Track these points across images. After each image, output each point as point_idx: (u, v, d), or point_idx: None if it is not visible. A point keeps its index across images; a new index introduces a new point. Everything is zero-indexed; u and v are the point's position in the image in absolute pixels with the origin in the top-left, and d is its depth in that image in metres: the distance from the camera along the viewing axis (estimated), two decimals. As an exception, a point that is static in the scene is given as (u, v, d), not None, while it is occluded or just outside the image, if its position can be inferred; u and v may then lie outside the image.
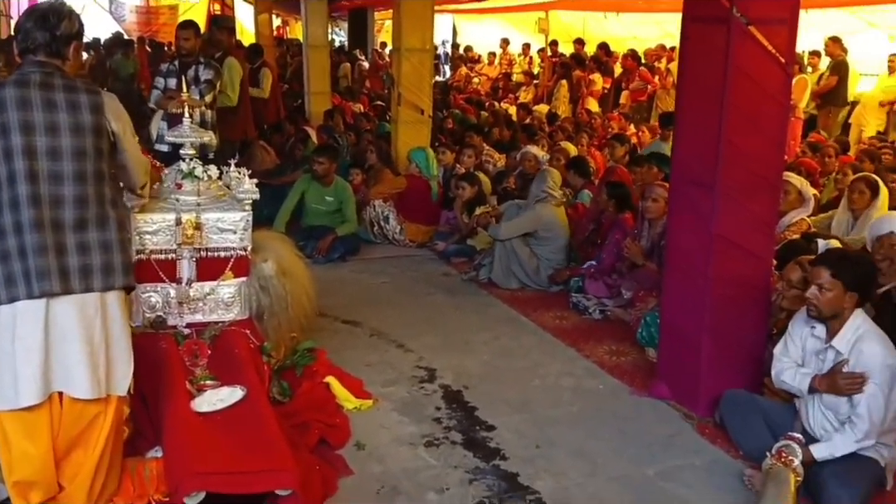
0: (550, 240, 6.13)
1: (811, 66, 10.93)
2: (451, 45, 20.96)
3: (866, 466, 3.31)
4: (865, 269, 3.34)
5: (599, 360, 4.77)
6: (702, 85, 3.86)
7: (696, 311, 3.96)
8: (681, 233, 4.06)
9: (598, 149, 9.16)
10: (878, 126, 9.89)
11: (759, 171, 3.82)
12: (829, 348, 3.40)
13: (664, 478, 3.50)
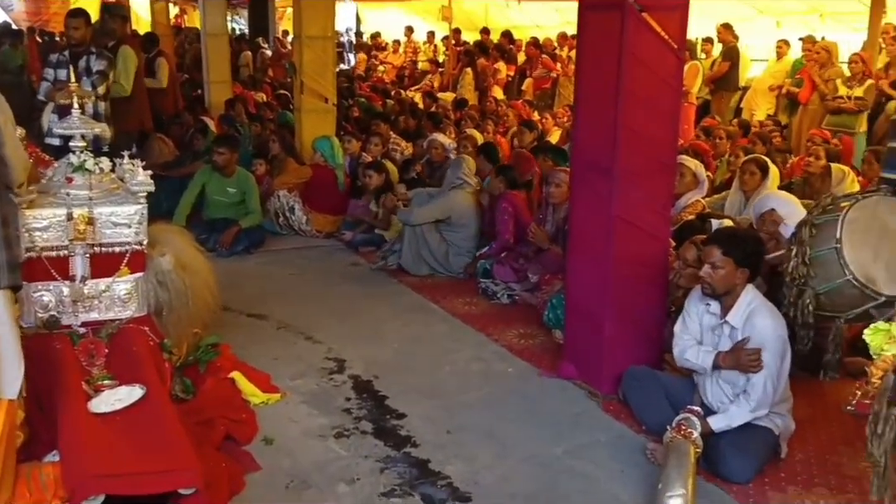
0: (462, 227, 6.16)
1: (704, 53, 11.29)
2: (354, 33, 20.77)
3: (761, 436, 3.46)
4: (754, 247, 3.48)
5: (508, 343, 4.83)
6: (599, 71, 3.93)
7: (598, 291, 4.05)
8: (582, 216, 4.14)
9: (503, 136, 9.26)
10: (768, 109, 10.30)
11: (654, 154, 3.93)
12: (724, 324, 3.53)
13: (571, 456, 3.58)
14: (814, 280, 3.55)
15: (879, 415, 2.46)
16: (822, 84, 8.76)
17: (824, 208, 3.80)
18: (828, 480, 3.39)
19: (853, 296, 3.45)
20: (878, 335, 2.47)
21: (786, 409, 3.57)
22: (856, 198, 3.73)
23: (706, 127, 8.54)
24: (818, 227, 3.62)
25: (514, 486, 3.34)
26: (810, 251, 3.62)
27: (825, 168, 6.07)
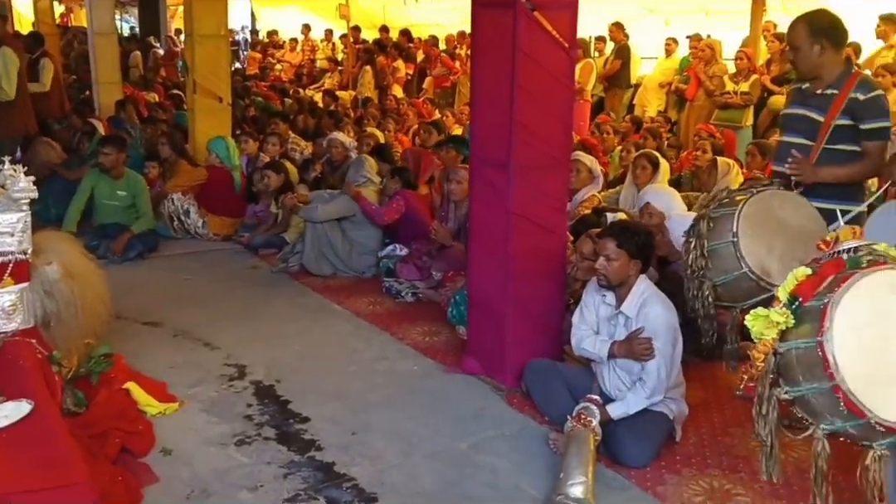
0: (366, 224, 6.14)
1: (597, 51, 11.60)
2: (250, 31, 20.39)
3: (657, 421, 3.58)
4: (645, 239, 3.60)
5: (413, 342, 4.84)
6: (493, 69, 3.98)
7: (498, 286, 4.11)
8: (481, 212, 4.19)
9: (405, 134, 9.27)
10: (659, 106, 10.67)
11: (549, 150, 4.01)
12: (619, 314, 3.63)
13: (476, 450, 3.61)
14: (712, 272, 3.65)
15: (763, 396, 2.58)
16: (707, 80, 9.13)
17: (721, 202, 3.90)
18: (720, 461, 3.54)
19: (749, 288, 3.57)
20: (758, 321, 2.58)
21: (679, 394, 3.70)
22: (751, 192, 3.83)
23: (599, 123, 8.77)
24: (715, 220, 3.72)
25: (420, 483, 3.35)
26: (708, 244, 3.72)
27: (712, 161, 6.32)
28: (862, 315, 2.38)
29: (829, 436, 2.48)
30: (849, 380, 2.30)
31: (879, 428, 2.30)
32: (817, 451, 2.49)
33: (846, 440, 2.52)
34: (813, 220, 3.59)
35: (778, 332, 2.55)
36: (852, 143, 3.70)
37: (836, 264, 2.59)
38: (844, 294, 2.39)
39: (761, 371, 2.57)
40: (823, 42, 3.73)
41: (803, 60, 3.78)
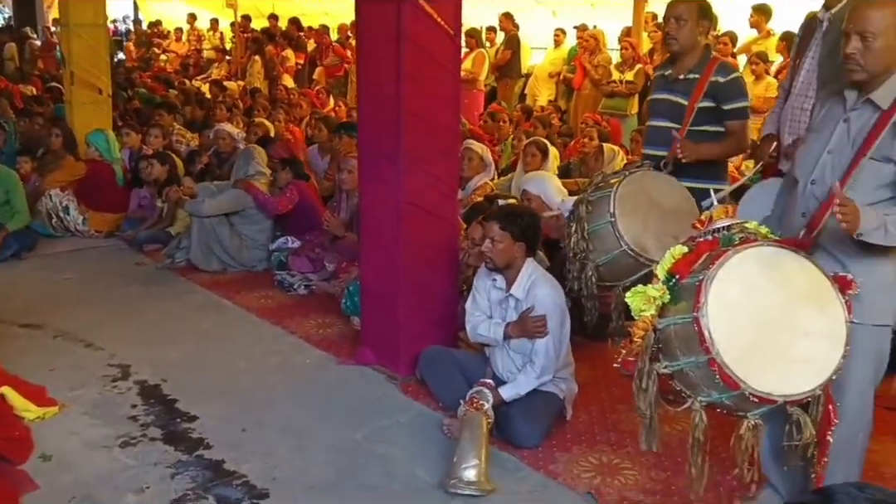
0: (256, 218, 6.01)
1: (489, 41, 11.70)
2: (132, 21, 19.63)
3: (548, 401, 3.64)
4: (529, 221, 3.65)
5: (306, 334, 4.77)
6: (379, 57, 3.95)
7: (391, 275, 4.10)
8: (372, 201, 4.16)
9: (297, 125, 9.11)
10: (549, 95, 10.85)
11: (438, 138, 4.01)
12: (509, 296, 3.68)
13: (371, 439, 3.59)
14: (594, 253, 3.74)
15: (643, 371, 2.65)
16: (593, 70, 9.36)
17: (597, 186, 4.02)
18: (608, 437, 3.64)
19: (629, 265, 3.68)
20: (637, 297, 2.65)
21: (569, 373, 3.78)
22: (624, 174, 3.96)
23: (492, 112, 8.85)
24: (593, 203, 3.82)
25: (313, 476, 3.31)
26: (588, 226, 3.81)
27: (598, 148, 6.48)
28: (735, 290, 2.47)
29: (706, 407, 2.57)
30: (723, 353, 2.38)
31: (753, 398, 2.39)
32: (695, 422, 2.57)
33: (722, 411, 2.63)
34: (683, 198, 3.73)
35: (656, 308, 2.62)
36: (716, 123, 3.88)
37: (711, 242, 2.68)
38: (718, 271, 2.48)
39: (641, 346, 2.64)
40: (706, 25, 3.89)
41: (686, 35, 3.91)
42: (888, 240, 2.48)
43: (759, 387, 2.36)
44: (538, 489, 3.24)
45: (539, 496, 3.19)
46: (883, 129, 2.54)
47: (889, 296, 2.64)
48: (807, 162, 2.76)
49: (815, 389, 2.42)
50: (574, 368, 3.84)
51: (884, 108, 2.56)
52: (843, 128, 2.66)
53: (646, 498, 3.16)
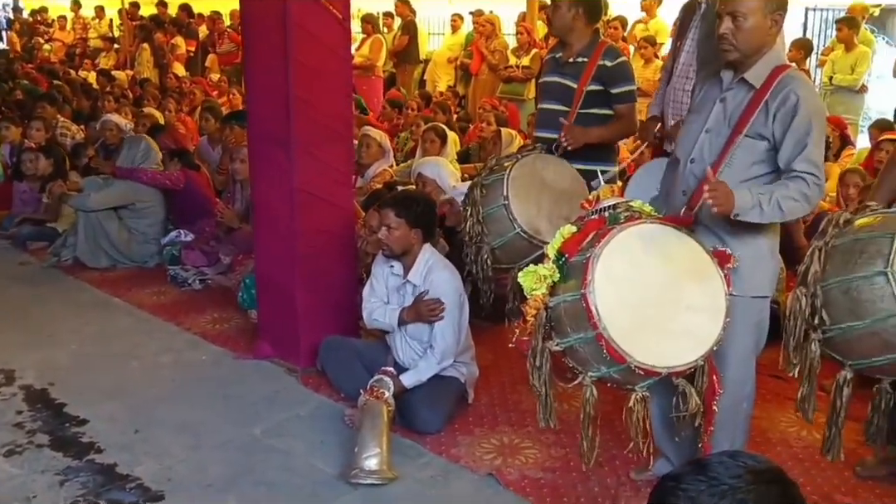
0: (147, 212, 5.82)
1: (386, 27, 11.65)
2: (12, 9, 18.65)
3: (449, 385, 3.66)
4: (425, 207, 3.65)
5: (202, 330, 4.65)
6: (266, 42, 3.87)
7: (287, 265, 4.03)
8: (264, 190, 4.08)
9: (188, 114, 8.85)
10: (448, 81, 10.87)
11: (329, 123, 3.96)
12: (407, 283, 3.68)
13: (270, 434, 3.53)
14: (489, 236, 3.79)
15: (536, 349, 2.70)
16: (490, 55, 9.42)
17: (491, 169, 4.06)
18: (509, 418, 3.68)
19: (523, 247, 3.74)
20: (529, 277, 2.69)
21: (470, 357, 3.81)
22: (516, 157, 4.02)
23: (391, 99, 8.81)
24: (487, 187, 3.86)
25: (209, 474, 3.23)
26: (483, 210, 3.86)
27: (496, 133, 6.53)
28: (620, 267, 2.54)
29: (596, 382, 2.64)
30: (610, 328, 2.45)
31: (638, 371, 2.47)
32: (586, 397, 2.65)
33: (612, 385, 2.70)
34: (573, 179, 3.81)
35: (547, 287, 2.67)
36: (604, 107, 3.96)
37: (598, 221, 2.75)
38: (604, 248, 2.54)
39: (534, 325, 2.69)
40: (580, 9, 3.95)
41: (559, 19, 3.99)
42: (764, 217, 2.58)
43: (643, 359, 2.44)
44: (440, 474, 3.25)
45: (441, 481, 3.21)
46: (756, 107, 2.64)
47: (766, 268, 2.76)
48: (686, 141, 2.85)
49: (697, 360, 2.51)
50: (475, 352, 3.86)
51: (756, 86, 2.66)
52: (720, 107, 2.75)
53: (545, 475, 3.21)
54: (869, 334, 2.53)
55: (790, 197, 2.56)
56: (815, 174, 2.57)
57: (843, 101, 7.95)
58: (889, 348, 2.52)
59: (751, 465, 1.31)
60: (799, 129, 2.56)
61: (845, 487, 3.10)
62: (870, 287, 2.50)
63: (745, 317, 2.70)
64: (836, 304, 2.59)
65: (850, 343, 2.60)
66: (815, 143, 2.58)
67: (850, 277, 2.55)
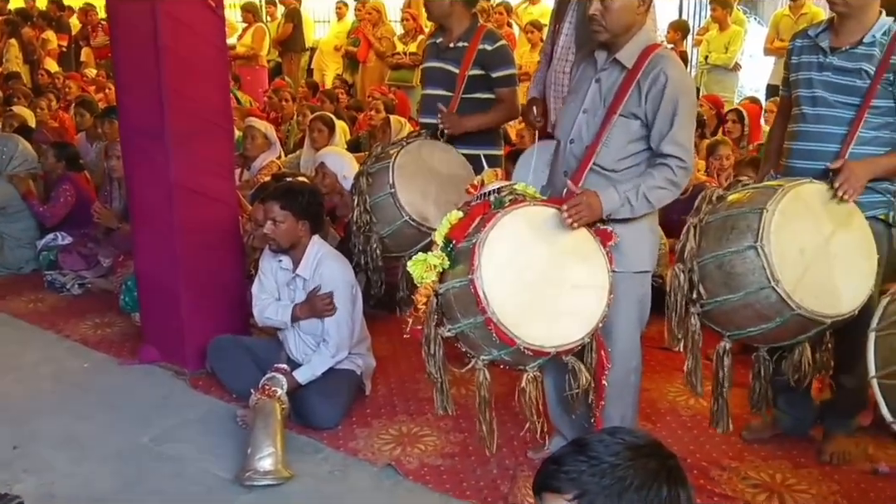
0: (19, 216, 5.54)
1: (269, 16, 11.40)
2: None
3: (345, 379, 3.62)
4: (311, 199, 3.57)
5: (83, 337, 4.46)
6: (135, 32, 3.72)
7: (168, 265, 3.89)
8: (140, 186, 3.92)
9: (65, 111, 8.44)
10: (336, 69, 10.73)
11: (206, 115, 3.83)
12: (297, 277, 3.60)
13: (160, 441, 3.42)
14: (377, 225, 3.76)
15: (429, 336, 2.70)
16: (377, 42, 9.36)
17: (377, 157, 4.01)
18: (408, 407, 3.68)
19: (412, 235, 3.72)
20: (418, 265, 2.68)
21: (365, 348, 3.78)
22: (402, 144, 3.98)
23: (276, 88, 8.64)
24: (373, 175, 3.82)
25: (97, 488, 3.10)
26: (370, 199, 3.82)
27: (385, 120, 6.48)
28: (506, 250, 2.56)
29: (489, 365, 2.66)
30: (498, 311, 2.46)
31: (528, 352, 2.50)
32: (479, 381, 2.67)
33: (505, 367, 2.73)
34: (459, 165, 3.82)
35: (437, 274, 2.67)
36: (487, 91, 3.97)
37: (483, 206, 2.76)
38: (490, 232, 2.55)
39: (425, 313, 2.68)
40: None
41: (437, 6, 3.97)
42: (634, 212, 2.69)
43: (531, 340, 2.47)
44: (339, 468, 3.21)
45: (340, 475, 3.17)
46: (629, 87, 2.70)
47: (646, 244, 2.83)
48: (566, 122, 2.89)
49: (583, 338, 2.57)
50: (370, 343, 3.84)
51: (629, 66, 2.72)
52: (595, 87, 2.80)
53: (445, 461, 3.23)
54: (743, 306, 2.64)
55: (657, 187, 2.66)
56: (681, 157, 2.66)
57: (719, 80, 8.28)
58: (762, 319, 2.63)
59: (629, 441, 1.34)
60: (667, 108, 2.64)
61: (732, 452, 3.24)
62: (742, 261, 2.61)
63: (629, 292, 2.77)
64: (711, 278, 2.68)
65: (726, 315, 2.70)
66: (683, 123, 2.66)
67: (723, 252, 2.65)
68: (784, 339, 2.73)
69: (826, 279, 2.64)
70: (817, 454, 3.16)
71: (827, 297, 2.62)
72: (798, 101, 2.99)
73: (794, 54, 3.04)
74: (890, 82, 2.81)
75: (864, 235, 2.76)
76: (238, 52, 9.85)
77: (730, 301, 2.66)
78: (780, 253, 2.57)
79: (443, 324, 2.69)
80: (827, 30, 2.96)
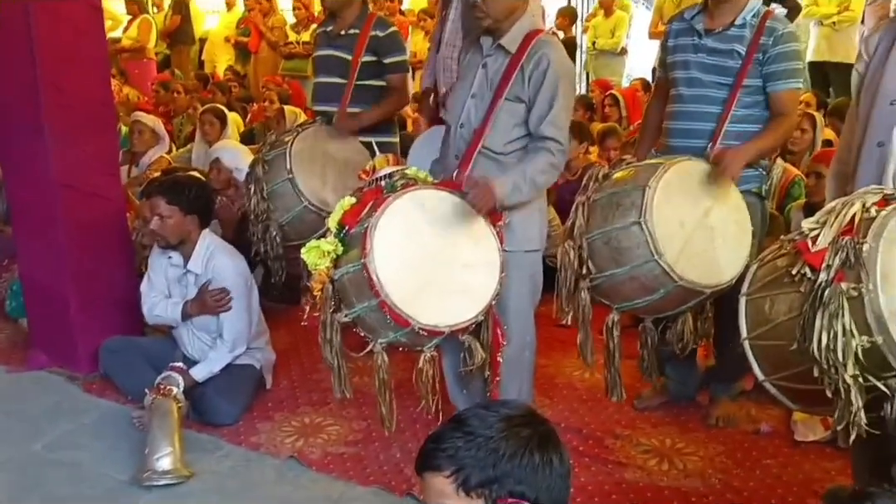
0: None
1: (156, 7, 11.08)
2: None
3: (244, 374, 3.60)
4: (199, 192, 3.54)
5: (-35, 348, 4.29)
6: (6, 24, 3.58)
7: (54, 267, 3.79)
8: (20, 186, 3.82)
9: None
10: (228, 60, 10.53)
11: (87, 109, 3.74)
12: (188, 273, 3.56)
13: (54, 448, 3.33)
14: (276, 213, 3.75)
15: (325, 323, 2.73)
16: (269, 32, 9.24)
17: (272, 145, 3.99)
18: (311, 398, 3.69)
19: (313, 220, 3.71)
20: (312, 252, 2.71)
21: (264, 341, 3.77)
22: (297, 131, 3.97)
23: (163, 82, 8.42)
24: (269, 162, 3.80)
25: (-15, 500, 3.01)
26: (267, 186, 3.80)
27: (280, 111, 6.43)
28: (397, 234, 2.62)
29: (387, 348, 2.71)
30: (391, 294, 2.52)
31: (423, 333, 2.56)
32: (378, 363, 2.72)
33: (403, 349, 2.79)
34: (356, 151, 3.84)
35: (331, 260, 2.70)
36: (379, 78, 4.00)
37: (376, 191, 2.80)
38: (381, 217, 2.61)
39: (321, 300, 2.71)
40: None
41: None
42: (524, 196, 2.80)
43: (426, 321, 2.54)
44: (240, 464, 3.20)
45: (241, 471, 3.16)
46: (514, 71, 2.79)
47: (535, 224, 2.93)
48: (455, 107, 2.97)
49: (476, 316, 2.65)
50: (269, 336, 3.83)
51: (512, 51, 2.81)
52: (483, 73, 2.88)
53: (348, 449, 3.26)
54: (630, 279, 2.77)
55: (540, 171, 2.78)
56: (558, 139, 2.78)
57: (608, 64, 8.56)
58: (647, 290, 2.77)
59: (503, 413, 1.39)
60: (547, 91, 2.75)
61: (625, 421, 3.39)
62: (627, 236, 2.73)
63: (520, 270, 2.87)
64: (599, 253, 2.80)
65: (614, 288, 2.83)
66: (563, 106, 2.78)
67: (609, 229, 2.77)
68: (668, 310, 2.88)
69: (705, 251, 2.80)
70: (704, 418, 3.35)
71: (706, 269, 2.78)
72: (675, 83, 3.14)
73: (671, 37, 3.19)
74: (759, 62, 2.98)
75: (740, 208, 2.93)
76: (123, 45, 9.54)
77: (617, 275, 2.78)
78: (663, 227, 2.71)
79: (339, 309, 2.73)
80: (702, 12, 3.11)
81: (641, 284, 2.77)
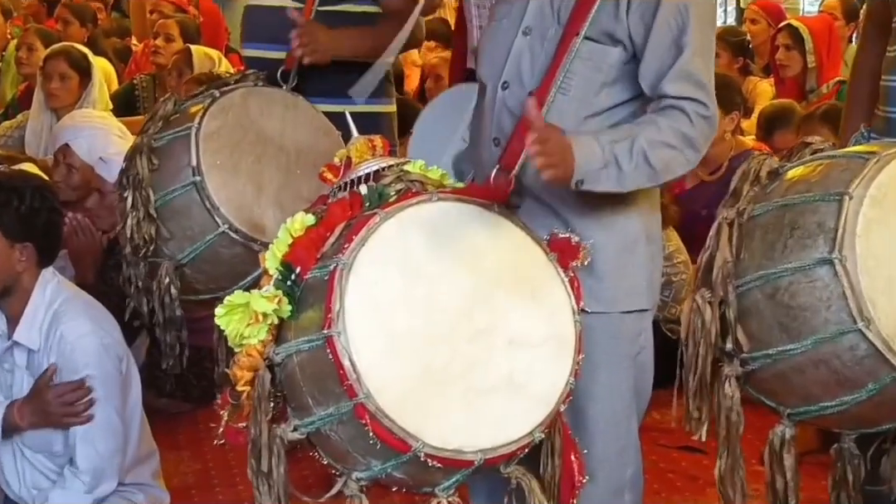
0: None
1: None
2: None
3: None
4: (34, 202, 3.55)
5: None
6: None
7: None
8: None
9: None
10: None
11: None
12: (14, 346, 3.61)
13: None
14: (171, 243, 3.76)
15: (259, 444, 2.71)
16: None
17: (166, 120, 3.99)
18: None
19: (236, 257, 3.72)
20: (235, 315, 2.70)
21: (150, 473, 3.81)
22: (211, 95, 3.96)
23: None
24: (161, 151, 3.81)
25: None
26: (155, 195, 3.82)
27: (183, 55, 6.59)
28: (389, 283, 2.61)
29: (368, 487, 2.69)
30: (377, 393, 2.49)
31: (434, 462, 2.53)
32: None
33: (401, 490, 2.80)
34: (316, 131, 3.88)
35: (269, 329, 2.70)
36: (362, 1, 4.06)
37: (351, 202, 2.80)
38: (359, 252, 2.59)
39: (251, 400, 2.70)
40: None
41: None
42: (623, 183, 2.73)
43: (439, 442, 2.52)
44: None
45: None
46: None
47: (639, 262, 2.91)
48: (495, 54, 2.97)
49: (533, 433, 2.63)
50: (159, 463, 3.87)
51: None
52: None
53: None
54: (812, 363, 2.75)
55: (663, 143, 2.72)
56: (701, 99, 2.78)
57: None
58: (845, 384, 2.75)
59: None
60: (668, 22, 2.75)
61: None
62: (809, 284, 2.72)
63: (613, 348, 2.87)
64: (758, 314, 2.80)
65: (785, 378, 2.82)
66: (700, 46, 2.78)
67: (776, 271, 2.77)
68: (883, 421, 2.85)
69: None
70: None
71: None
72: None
73: None
74: None
75: None
76: None
77: (790, 354, 2.77)
78: (875, 270, 2.69)
79: (285, 418, 2.72)
80: None
81: (833, 372, 2.76)
